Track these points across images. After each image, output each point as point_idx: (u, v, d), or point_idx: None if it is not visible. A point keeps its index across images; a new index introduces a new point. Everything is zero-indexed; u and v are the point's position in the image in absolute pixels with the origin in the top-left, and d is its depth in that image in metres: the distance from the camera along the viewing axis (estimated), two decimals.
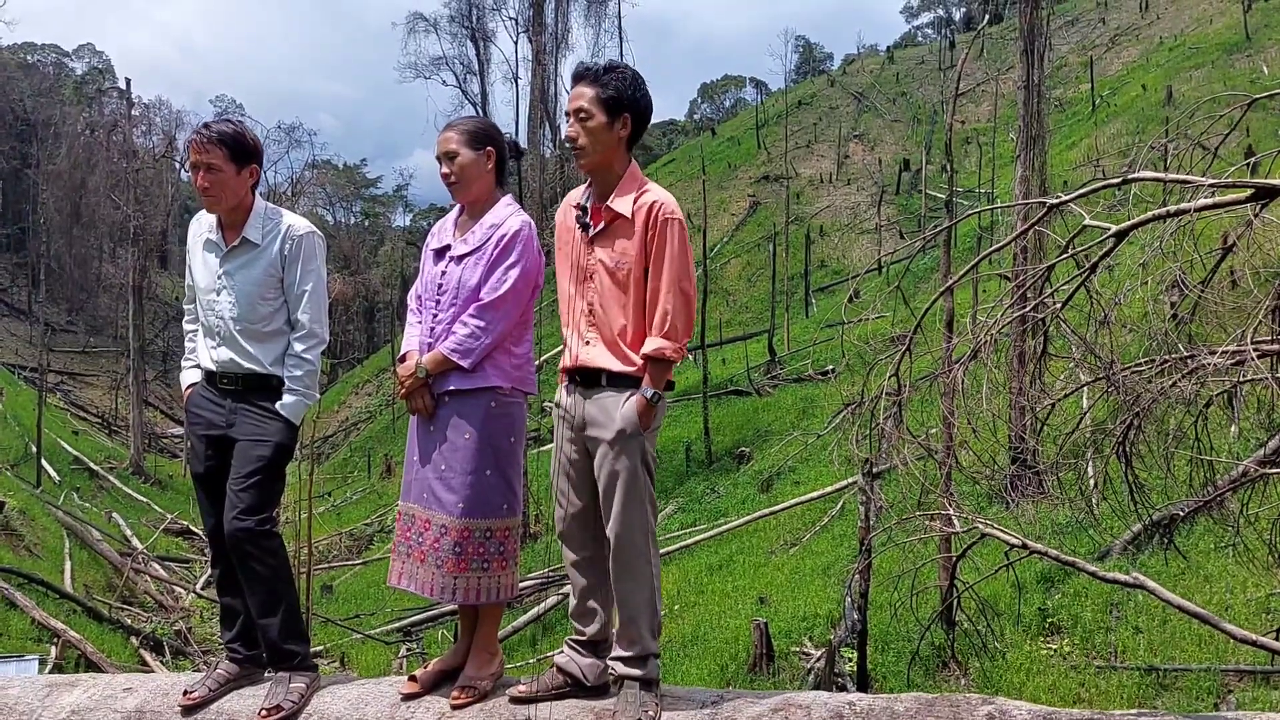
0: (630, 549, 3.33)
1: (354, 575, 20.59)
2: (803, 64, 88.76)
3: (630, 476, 3.31)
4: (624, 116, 3.38)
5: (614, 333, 3.39)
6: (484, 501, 3.49)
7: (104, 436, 40.45)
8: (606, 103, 3.36)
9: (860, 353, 10.78)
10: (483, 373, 3.52)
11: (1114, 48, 50.18)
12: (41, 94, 63.59)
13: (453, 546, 3.46)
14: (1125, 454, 5.35)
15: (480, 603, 3.53)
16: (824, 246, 40.93)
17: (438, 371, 3.53)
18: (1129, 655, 8.11)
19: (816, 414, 20.58)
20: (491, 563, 3.51)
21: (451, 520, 3.47)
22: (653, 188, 3.41)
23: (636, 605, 3.35)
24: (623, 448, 3.31)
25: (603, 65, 3.42)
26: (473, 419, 3.50)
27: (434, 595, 3.50)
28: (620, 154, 3.43)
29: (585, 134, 3.37)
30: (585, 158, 3.41)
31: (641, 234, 3.34)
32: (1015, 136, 14.82)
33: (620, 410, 3.33)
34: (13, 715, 3.69)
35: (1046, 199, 4.90)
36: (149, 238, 35.90)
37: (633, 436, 3.31)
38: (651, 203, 3.35)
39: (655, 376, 3.33)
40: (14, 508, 16.78)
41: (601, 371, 3.39)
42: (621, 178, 3.42)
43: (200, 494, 3.86)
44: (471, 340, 3.49)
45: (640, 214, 3.35)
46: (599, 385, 3.40)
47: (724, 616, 11.77)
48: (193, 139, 3.74)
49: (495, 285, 3.51)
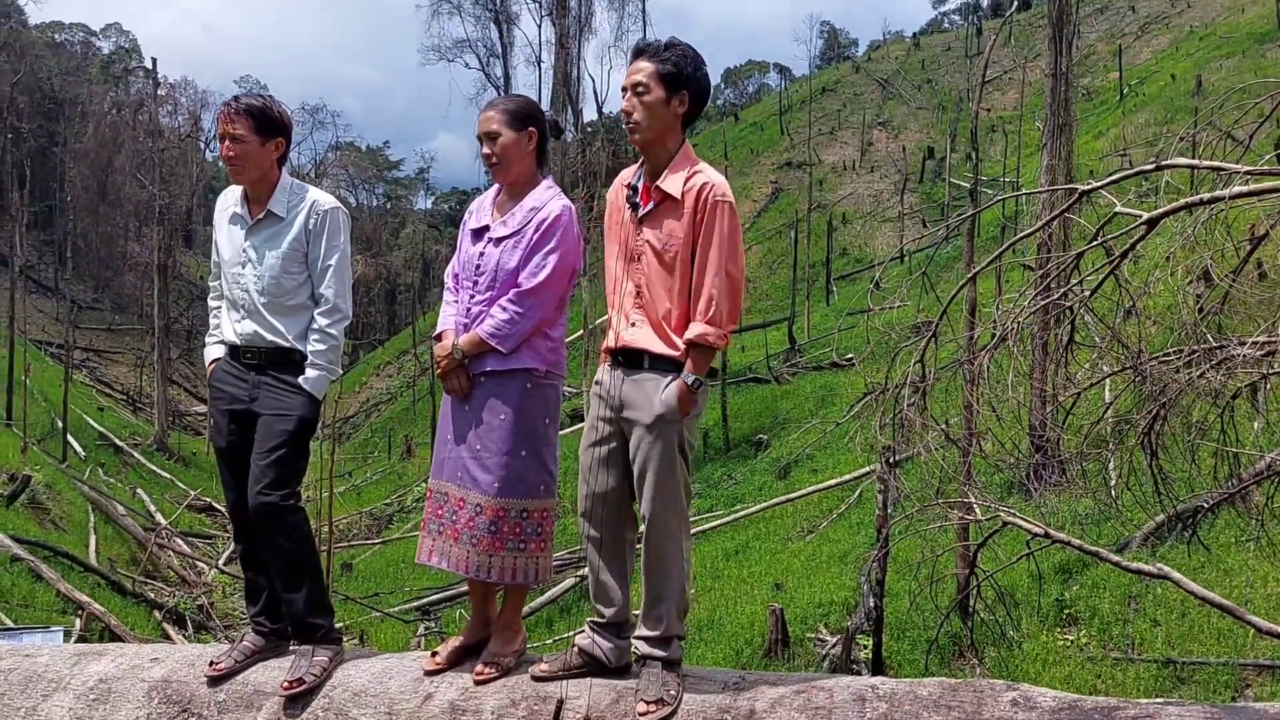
0: (663, 532, 3.33)
1: (374, 554, 20.75)
2: (827, 50, 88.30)
3: (665, 461, 3.30)
4: (682, 94, 3.33)
5: (659, 315, 3.35)
6: (520, 481, 3.50)
7: (129, 413, 40.83)
8: (665, 78, 3.31)
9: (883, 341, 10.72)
10: (519, 355, 3.52)
11: (1143, 36, 49.66)
12: (69, 73, 63.96)
13: (488, 525, 3.48)
14: (1150, 445, 5.33)
15: (515, 582, 3.54)
16: (846, 234, 40.75)
17: (474, 353, 3.54)
18: (1146, 647, 8.08)
19: (835, 402, 20.55)
20: (529, 543, 3.52)
21: (487, 500, 3.48)
22: (704, 168, 3.36)
23: (666, 588, 3.35)
24: (660, 432, 3.29)
25: (663, 41, 3.37)
26: (509, 400, 3.51)
27: (467, 572, 3.51)
28: (674, 132, 3.39)
29: (641, 108, 3.32)
30: (639, 133, 3.35)
31: (690, 216, 3.31)
32: (1042, 125, 14.70)
33: (660, 395, 3.30)
34: (42, 682, 3.75)
35: (1076, 185, 4.86)
36: (174, 217, 36.13)
37: (671, 422, 3.29)
38: (702, 184, 3.31)
39: (697, 362, 3.30)
40: (40, 482, 16.96)
41: (644, 353, 3.36)
42: (674, 157, 3.38)
43: (223, 469, 3.88)
44: (509, 326, 3.49)
45: (690, 195, 3.31)
46: (641, 367, 3.36)
47: (740, 602, 11.80)
48: (221, 110, 3.77)
49: (534, 271, 3.50)
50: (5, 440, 20.99)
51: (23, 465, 18.12)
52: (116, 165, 53.55)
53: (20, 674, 3.80)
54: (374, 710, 3.37)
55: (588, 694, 3.27)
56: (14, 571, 11.92)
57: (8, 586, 11.52)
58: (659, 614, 3.36)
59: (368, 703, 3.39)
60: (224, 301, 3.92)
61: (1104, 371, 6.29)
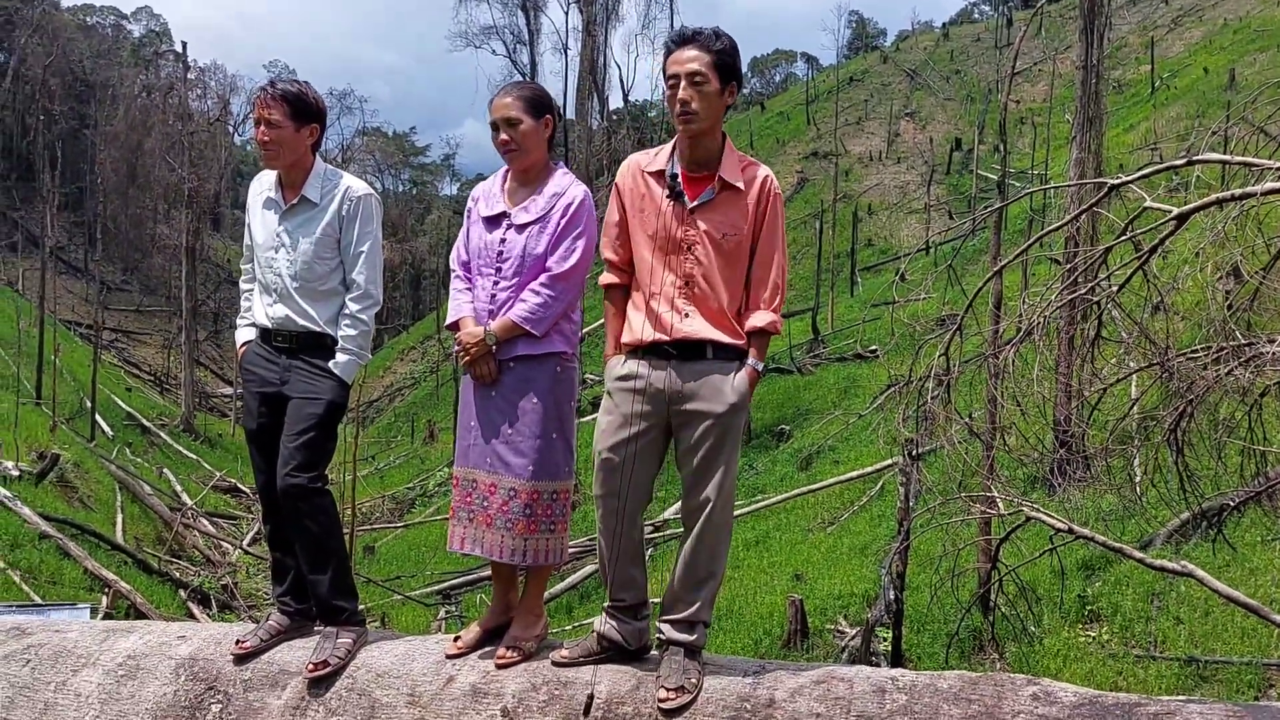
0: (721, 518, 3.36)
1: (396, 537, 20.89)
2: (855, 39, 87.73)
3: (733, 448, 3.35)
4: (732, 84, 3.35)
5: (720, 305, 3.36)
6: (552, 464, 3.55)
7: (156, 394, 41.24)
8: (720, 68, 3.31)
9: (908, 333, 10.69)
10: (550, 339, 3.57)
11: (1176, 29, 49.06)
12: (100, 56, 64.45)
13: (523, 509, 3.51)
14: (1176, 442, 5.30)
15: (548, 563, 3.60)
16: (871, 225, 40.55)
17: (506, 338, 3.57)
18: (1169, 645, 8.03)
19: (858, 394, 20.49)
20: (557, 524, 3.58)
21: (521, 483, 3.51)
22: (755, 161, 3.43)
23: (710, 572, 3.39)
24: (733, 420, 3.32)
25: (711, 30, 3.36)
26: (541, 384, 3.55)
27: (502, 557, 3.54)
28: (720, 122, 3.40)
29: (700, 99, 3.29)
30: (696, 123, 3.31)
31: (755, 206, 3.35)
32: (1071, 118, 14.57)
33: (731, 383, 3.32)
34: (72, 657, 3.81)
35: (1106, 179, 4.83)
36: (202, 200, 36.36)
37: (743, 409, 3.35)
38: (765, 176, 3.38)
39: (762, 349, 3.38)
40: (69, 460, 17.15)
41: (707, 344, 3.34)
42: (722, 147, 3.39)
43: (253, 450, 3.92)
44: (543, 309, 3.53)
45: (754, 186, 3.35)
46: (703, 357, 3.35)
47: (759, 592, 11.81)
48: (257, 94, 3.81)
49: (565, 255, 3.55)
50: (35, 419, 21.25)
51: (52, 444, 18.33)
52: (146, 148, 53.88)
53: (50, 649, 3.87)
54: (396, 692, 3.40)
55: (607, 679, 3.29)
56: (42, 549, 12.08)
57: (36, 563, 11.68)
58: (697, 597, 3.37)
59: (390, 684, 3.43)
60: (256, 285, 3.96)
61: (1130, 367, 6.25)
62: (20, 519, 12.49)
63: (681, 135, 3.39)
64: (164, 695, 3.59)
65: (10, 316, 32.07)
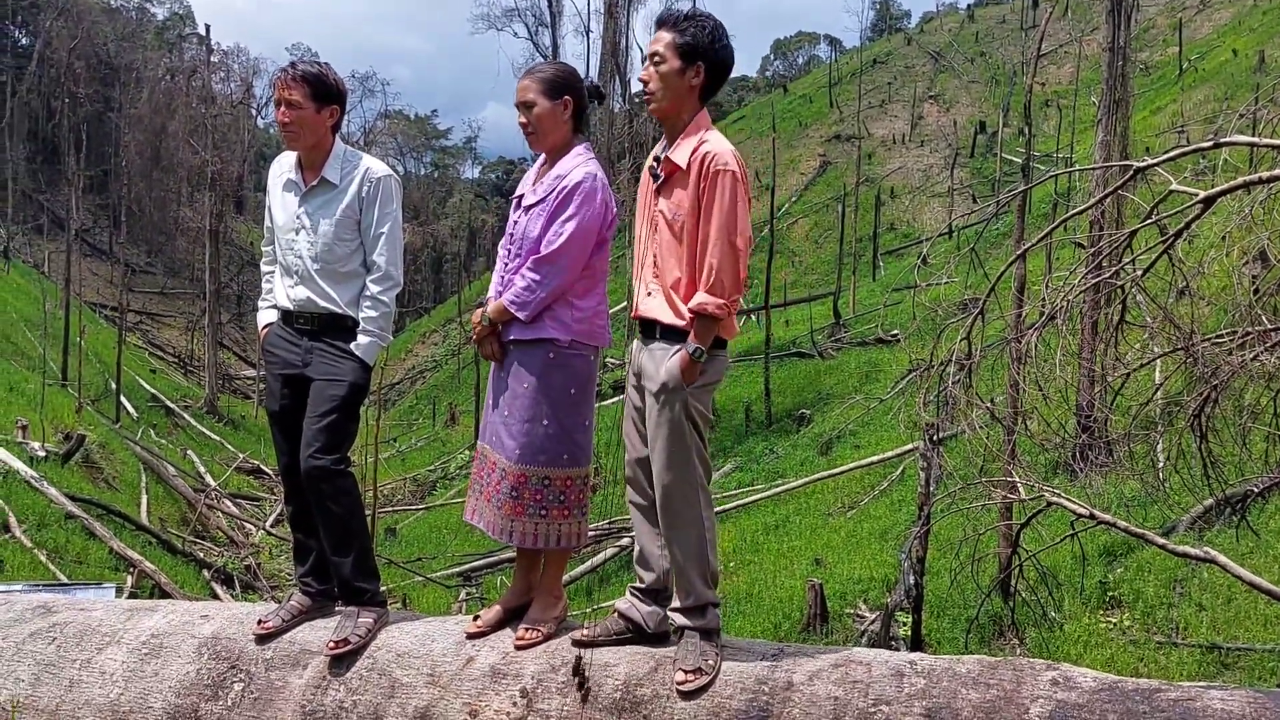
0: (676, 499, 3.36)
1: (417, 519, 21.01)
2: (879, 21, 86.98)
3: (673, 429, 3.33)
4: (697, 65, 3.35)
5: (669, 285, 3.40)
6: (540, 450, 3.53)
7: (180, 376, 41.56)
8: (681, 49, 3.34)
9: (929, 317, 10.64)
10: (540, 325, 3.54)
11: (1204, 10, 48.37)
12: (124, 38, 64.65)
13: (510, 490, 3.54)
14: (1200, 428, 5.26)
15: (539, 548, 3.59)
16: (894, 209, 40.30)
17: (500, 320, 3.59)
18: (1191, 632, 7.99)
19: (880, 378, 20.41)
20: (550, 510, 3.55)
21: (509, 465, 3.54)
22: (712, 138, 3.36)
23: (685, 554, 3.39)
24: (666, 400, 3.33)
25: (684, 12, 3.41)
26: (531, 369, 3.55)
27: (494, 535, 3.59)
28: (690, 103, 3.40)
29: (657, 78, 3.37)
30: (654, 103, 3.41)
31: (695, 185, 3.32)
32: (1097, 100, 14.42)
33: (666, 363, 3.34)
34: (97, 635, 3.86)
35: (1131, 162, 4.78)
36: (226, 183, 36.58)
37: (675, 390, 3.31)
38: (705, 153, 3.32)
39: (700, 332, 3.30)
40: (94, 441, 17.31)
41: (656, 323, 3.42)
42: (687, 127, 3.41)
43: (275, 432, 3.95)
44: (527, 293, 3.52)
45: (695, 164, 3.33)
46: (654, 336, 3.43)
47: (779, 576, 11.81)
48: (278, 75, 3.82)
49: (551, 239, 3.52)
50: (61, 400, 21.44)
51: (77, 425, 18.51)
52: (170, 131, 54.17)
53: (76, 627, 3.91)
54: (416, 671, 3.43)
55: (625, 660, 3.31)
56: (68, 528, 12.21)
57: (62, 543, 11.81)
58: (684, 584, 3.40)
59: (411, 664, 3.46)
60: (277, 267, 3.98)
61: (1154, 352, 6.20)
62: (47, 499, 12.62)
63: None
64: (187, 673, 3.63)
65: (36, 298, 32.30)
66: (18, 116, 55.57)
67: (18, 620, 4.01)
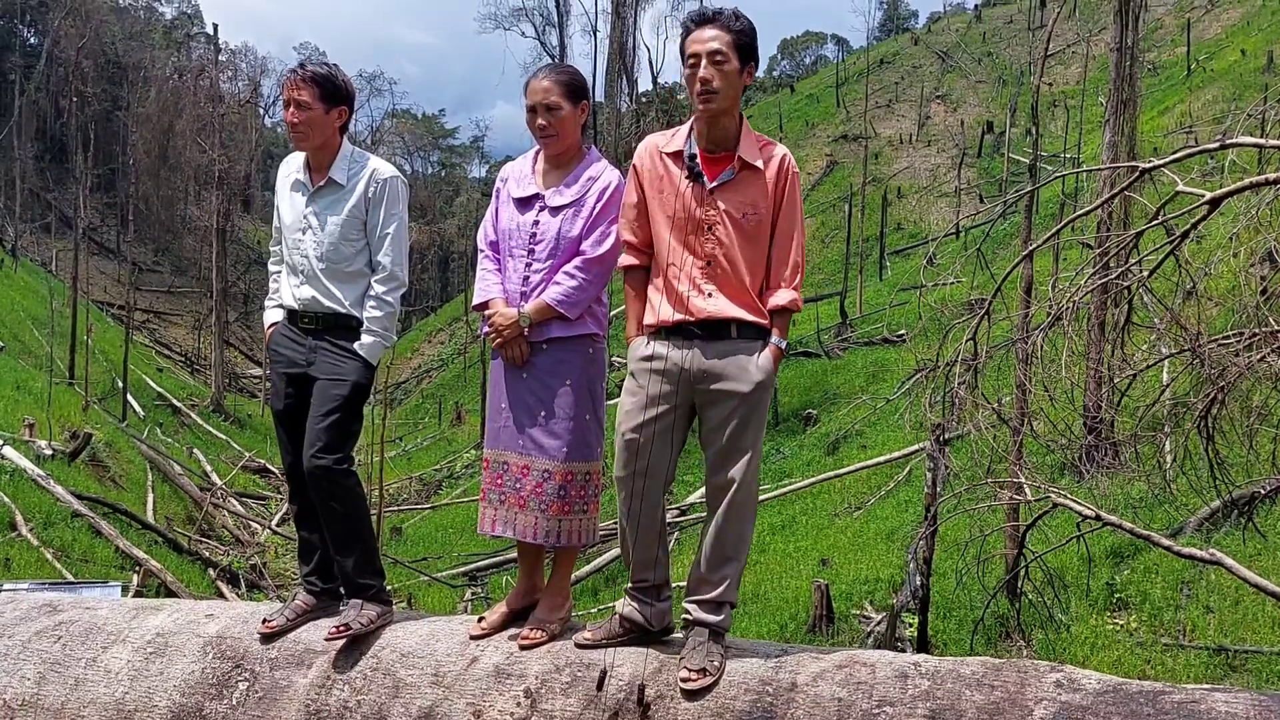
0: (745, 497, 3.39)
1: (422, 519, 21.03)
2: (886, 21, 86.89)
3: (759, 425, 3.40)
4: (751, 65, 3.40)
5: (744, 283, 3.38)
6: (585, 445, 3.58)
7: (186, 374, 41.67)
8: (740, 48, 3.34)
9: (936, 317, 10.61)
10: (583, 321, 3.61)
11: (1213, 9, 48.21)
12: (132, 38, 64.78)
13: (558, 490, 3.53)
14: (1207, 429, 5.24)
15: (582, 544, 3.64)
16: (901, 209, 40.26)
17: (540, 320, 3.57)
18: (1198, 634, 7.97)
19: (886, 378, 20.39)
20: (590, 505, 3.62)
21: (556, 465, 3.53)
22: (773, 141, 3.46)
23: (740, 549, 3.42)
24: (759, 399, 3.37)
25: (731, 11, 3.39)
26: (574, 365, 3.58)
27: (537, 539, 3.55)
28: (738, 102, 3.43)
29: (721, 77, 3.32)
30: (715, 102, 3.33)
31: (774, 185, 3.37)
32: (1105, 100, 14.38)
33: (756, 361, 3.36)
34: (102, 634, 3.86)
35: (1138, 163, 4.77)
36: (233, 182, 36.65)
37: (769, 387, 3.39)
38: (783, 155, 3.41)
39: (784, 327, 3.40)
40: (101, 440, 17.35)
41: (731, 322, 3.36)
42: (740, 127, 3.42)
43: (280, 431, 3.96)
44: (578, 292, 3.55)
45: (772, 165, 3.38)
46: (728, 336, 3.37)
47: (785, 576, 11.80)
48: (286, 76, 3.84)
49: (600, 239, 3.58)
50: (68, 398, 21.51)
51: (84, 423, 18.57)
52: (178, 130, 54.20)
53: (81, 626, 3.92)
54: (421, 671, 3.43)
55: (630, 661, 3.30)
56: (75, 527, 12.24)
57: (69, 541, 11.84)
58: (723, 577, 3.39)
59: (415, 664, 3.46)
60: (284, 266, 3.99)
61: (1161, 353, 6.19)
62: (53, 497, 12.66)
63: (700, 115, 3.40)
64: (191, 672, 3.64)
65: (44, 297, 32.44)
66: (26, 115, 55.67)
67: (23, 619, 4.01)
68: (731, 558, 3.40)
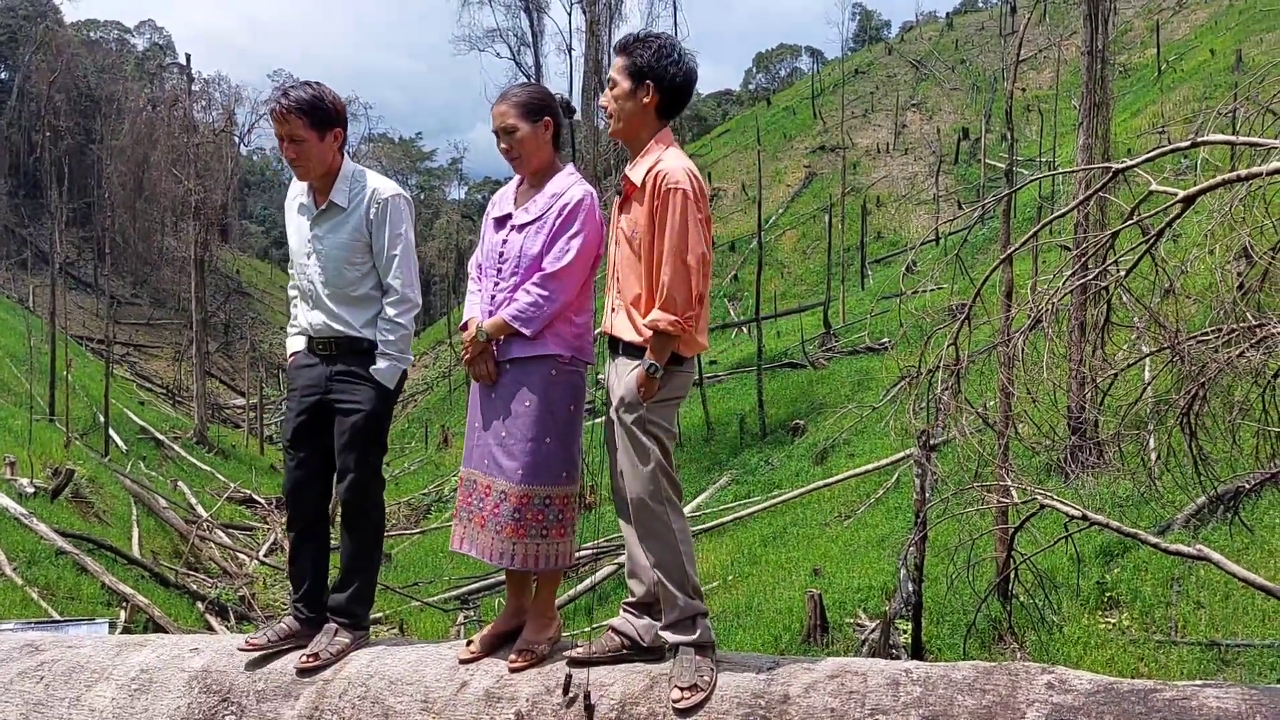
0: (644, 512, 3.38)
1: (412, 544, 20.89)
2: (860, 32, 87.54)
3: (633, 443, 3.37)
4: (646, 84, 3.40)
5: (629, 302, 3.44)
6: (543, 469, 3.51)
7: (169, 406, 41.39)
8: (630, 71, 3.41)
9: (918, 324, 10.65)
10: (543, 341, 3.54)
11: (1181, 11, 48.79)
12: (104, 70, 64.65)
13: (512, 512, 3.50)
14: (1189, 426, 5.25)
15: (538, 569, 3.56)
16: (880, 217, 40.48)
17: (497, 336, 3.55)
18: (1189, 630, 7.99)
19: (872, 386, 20.43)
20: (551, 530, 3.54)
21: (511, 486, 3.50)
22: (667, 156, 3.39)
23: (662, 567, 3.38)
24: (625, 416, 3.38)
25: (635, 35, 3.47)
26: (534, 386, 3.52)
27: (493, 560, 3.54)
28: (647, 123, 3.46)
29: (612, 101, 3.46)
30: (613, 125, 3.49)
31: (649, 203, 3.35)
32: (1078, 104, 14.49)
33: (625, 378, 3.40)
34: (85, 672, 3.81)
35: (1111, 164, 4.79)
36: (209, 211, 36.36)
37: (633, 405, 3.36)
38: (658, 172, 3.34)
39: (657, 349, 3.31)
40: (84, 476, 17.22)
41: (619, 340, 3.47)
42: (646, 146, 3.45)
43: (287, 454, 3.93)
44: (534, 309, 3.51)
45: (649, 182, 3.37)
46: (618, 353, 3.48)
47: (778, 587, 11.78)
48: (272, 109, 3.70)
49: (558, 255, 3.52)
50: (49, 435, 21.34)
51: (66, 460, 18.41)
52: (152, 161, 54.03)
53: (64, 665, 3.87)
54: (410, 699, 3.39)
55: (621, 679, 3.28)
56: (59, 564, 12.12)
57: (54, 579, 11.72)
58: (667, 596, 3.38)
59: (404, 691, 3.43)
60: (298, 292, 3.96)
61: (1142, 352, 6.21)
62: (36, 535, 12.54)
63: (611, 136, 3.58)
64: (177, 708, 3.59)
65: (21, 334, 32.15)
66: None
67: (4, 660, 3.96)
68: (659, 579, 3.38)
